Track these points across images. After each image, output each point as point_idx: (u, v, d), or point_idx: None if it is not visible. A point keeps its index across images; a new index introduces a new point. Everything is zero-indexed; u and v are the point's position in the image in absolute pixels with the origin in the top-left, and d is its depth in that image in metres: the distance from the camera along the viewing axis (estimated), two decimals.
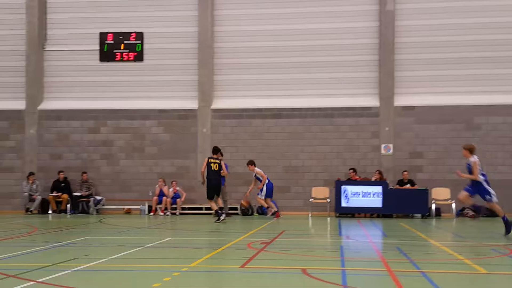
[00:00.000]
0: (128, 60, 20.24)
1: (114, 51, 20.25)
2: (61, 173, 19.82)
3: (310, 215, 18.62)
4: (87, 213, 19.42)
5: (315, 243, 11.29)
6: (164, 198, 19.25)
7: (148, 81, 20.21)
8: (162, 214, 19.13)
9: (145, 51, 20.21)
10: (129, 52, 20.22)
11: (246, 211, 18.94)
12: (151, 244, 10.13)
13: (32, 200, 19.46)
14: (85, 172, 19.86)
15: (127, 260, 8.28)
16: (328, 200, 18.82)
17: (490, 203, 11.93)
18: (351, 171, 18.93)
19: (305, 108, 19.72)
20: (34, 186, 19.60)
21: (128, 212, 19.80)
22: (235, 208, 19.05)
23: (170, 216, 18.81)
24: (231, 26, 20.11)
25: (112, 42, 20.24)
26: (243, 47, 20.04)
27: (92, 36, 20.26)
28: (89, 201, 19.54)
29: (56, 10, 20.42)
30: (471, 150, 12.15)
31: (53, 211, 19.53)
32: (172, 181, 19.53)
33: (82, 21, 20.33)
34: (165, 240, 11.04)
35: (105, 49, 20.25)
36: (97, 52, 20.26)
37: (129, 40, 20.23)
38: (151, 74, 20.20)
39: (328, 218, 17.78)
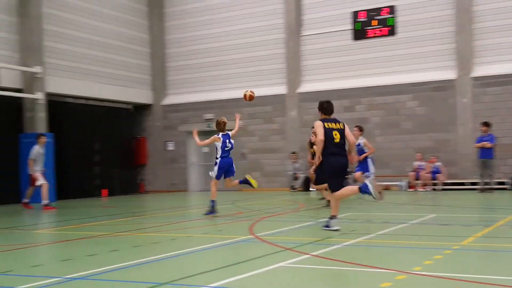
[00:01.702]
0: (380, 36, 20.08)
1: (366, 28, 20.27)
2: None
3: None
4: None
5: None
6: (422, 173, 18.72)
7: (401, 54, 19.77)
8: (422, 190, 18.63)
9: (398, 24, 19.79)
10: (381, 27, 20.04)
11: None
12: (415, 221, 9.91)
13: (296, 178, 20.70)
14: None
15: (393, 236, 8.23)
16: None
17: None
18: None
19: None
20: (297, 165, 20.81)
21: (387, 188, 19.74)
22: (503, 183, 17.56)
23: (431, 192, 18.22)
24: None
25: (363, 19, 20.29)
26: (508, 6, 18.21)
27: (344, 16, 20.59)
28: (348, 178, 20.00)
29: None
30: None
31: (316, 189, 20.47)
32: (431, 156, 18.86)
33: (334, 3, 20.81)
34: (429, 216, 10.70)
35: (358, 27, 20.39)
36: (350, 32, 20.52)
37: (380, 15, 20.04)
38: (404, 47, 19.72)
39: None
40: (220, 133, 11.69)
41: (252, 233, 8.74)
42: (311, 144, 13.63)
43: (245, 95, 12.18)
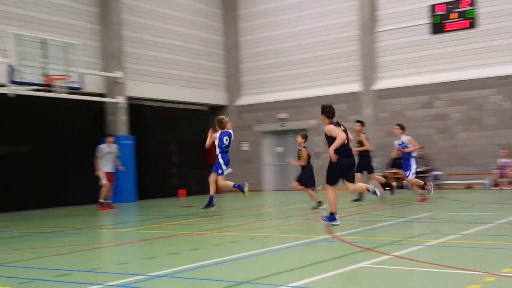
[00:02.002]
0: (460, 29, 19.36)
1: (444, 21, 19.60)
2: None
3: None
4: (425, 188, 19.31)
5: None
6: (508, 170, 17.85)
7: (483, 47, 18.94)
8: (507, 188, 17.78)
9: (479, 16, 19.01)
10: (461, 20, 19.32)
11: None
12: (502, 221, 9.46)
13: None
14: (422, 147, 19.78)
15: (479, 236, 7.89)
16: None
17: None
18: None
19: None
20: (375, 163, 20.39)
21: (469, 187, 19.01)
22: None
23: None
24: None
25: (441, 13, 19.64)
26: None
27: (420, 10, 20.01)
28: (427, 177, 19.41)
29: None
30: None
31: (393, 187, 19.99)
32: None
33: None
34: None
35: (436, 21, 19.75)
36: (427, 26, 19.92)
37: (460, 7, 19.32)
38: (487, 39, 18.88)
39: None
40: (219, 131, 12.86)
41: (330, 232, 8.65)
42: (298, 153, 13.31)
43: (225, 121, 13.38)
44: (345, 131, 9.55)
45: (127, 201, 18.42)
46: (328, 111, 9.66)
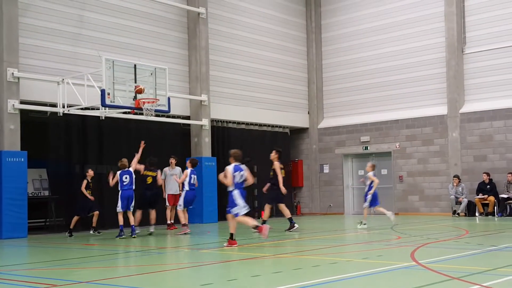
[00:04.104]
0: None
1: None
2: (485, 175, 19.35)
3: None
4: None
5: None
6: None
7: None
8: None
9: None
10: None
11: None
12: None
13: (458, 202, 19.59)
14: (510, 173, 18.89)
15: None
16: None
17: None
18: None
19: None
20: (460, 188, 19.69)
21: None
22: None
23: None
24: None
25: None
26: None
27: (510, 32, 19.26)
28: None
29: (472, 12, 20.21)
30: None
31: (480, 214, 19.21)
32: None
33: (502, 18, 19.54)
34: None
35: None
36: None
37: None
38: None
39: None
40: (120, 171, 13.94)
41: (415, 259, 8.43)
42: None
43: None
44: (154, 176, 14.52)
45: (208, 221, 18.77)
46: (152, 162, 14.66)
